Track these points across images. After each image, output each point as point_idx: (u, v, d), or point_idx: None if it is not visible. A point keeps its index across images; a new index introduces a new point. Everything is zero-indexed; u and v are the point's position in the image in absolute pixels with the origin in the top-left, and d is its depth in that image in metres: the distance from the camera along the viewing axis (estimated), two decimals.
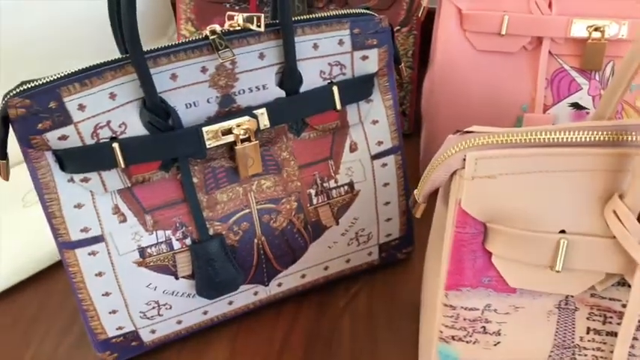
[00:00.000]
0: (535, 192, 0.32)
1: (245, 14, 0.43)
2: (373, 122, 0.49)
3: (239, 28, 0.43)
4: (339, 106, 0.46)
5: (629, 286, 0.32)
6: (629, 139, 0.32)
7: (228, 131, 0.43)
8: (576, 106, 0.58)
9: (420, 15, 0.62)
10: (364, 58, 0.47)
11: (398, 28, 0.67)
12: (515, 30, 0.56)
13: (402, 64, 0.50)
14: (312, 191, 0.48)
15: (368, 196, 0.50)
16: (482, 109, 0.60)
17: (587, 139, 0.32)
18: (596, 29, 0.55)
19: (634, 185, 0.31)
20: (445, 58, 0.59)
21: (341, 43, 0.46)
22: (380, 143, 0.50)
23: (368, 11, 0.48)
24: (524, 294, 0.34)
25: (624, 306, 0.33)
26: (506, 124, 0.60)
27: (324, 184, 0.48)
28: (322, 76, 0.46)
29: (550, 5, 0.55)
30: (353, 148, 0.49)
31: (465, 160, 0.32)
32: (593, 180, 0.32)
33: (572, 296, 0.34)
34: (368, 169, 0.50)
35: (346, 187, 0.49)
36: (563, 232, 0.32)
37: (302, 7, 0.67)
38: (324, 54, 0.46)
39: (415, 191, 0.37)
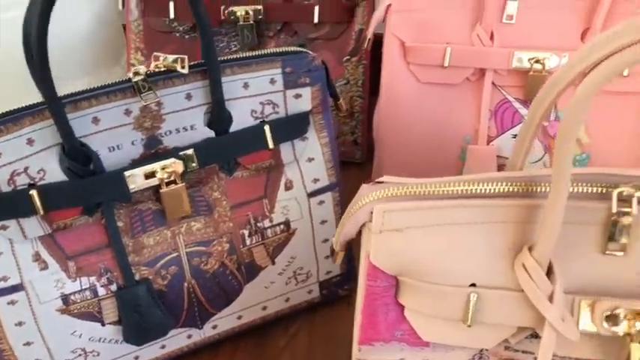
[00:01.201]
0: (445, 245, 0.32)
1: (170, 56, 0.42)
2: (309, 160, 0.48)
3: (164, 69, 0.42)
4: (271, 145, 0.46)
5: None
6: (539, 190, 0.32)
7: (152, 174, 0.42)
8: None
9: (365, 46, 0.62)
10: (297, 96, 0.46)
11: (347, 57, 0.67)
12: (457, 62, 0.56)
13: (341, 99, 0.50)
14: (246, 232, 0.47)
15: (305, 234, 0.49)
16: (428, 140, 0.60)
17: (498, 191, 0.32)
18: (537, 61, 0.55)
19: (542, 238, 0.30)
20: (390, 90, 0.59)
21: (272, 82, 0.45)
22: (316, 181, 0.49)
23: (302, 49, 0.47)
24: (437, 348, 0.33)
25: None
26: (451, 156, 0.60)
27: (259, 224, 0.47)
28: (253, 115, 0.45)
29: (492, 37, 0.55)
30: (288, 187, 0.48)
31: (372, 213, 0.31)
32: (504, 232, 0.32)
33: (486, 349, 0.33)
34: (304, 207, 0.49)
35: (282, 226, 0.48)
36: (474, 285, 0.32)
37: (251, 36, 0.66)
38: (255, 93, 0.45)
39: (333, 238, 0.36)
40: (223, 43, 0.68)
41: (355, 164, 0.72)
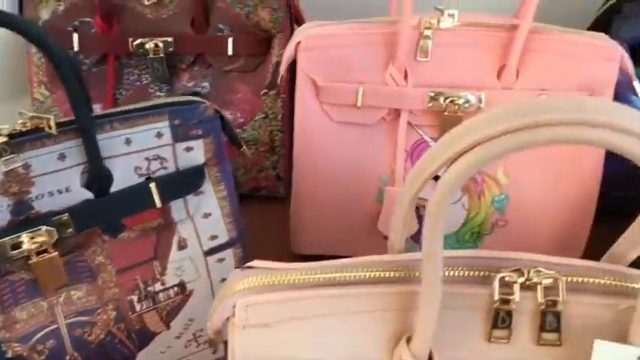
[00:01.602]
0: (317, 339, 0.29)
1: (36, 115, 0.38)
2: (205, 216, 0.45)
3: (30, 128, 0.38)
4: (158, 204, 0.42)
5: None
6: (417, 274, 0.29)
7: (19, 245, 0.38)
8: (436, 177, 0.55)
9: (279, 81, 0.59)
10: (188, 149, 0.43)
11: (265, 90, 0.63)
12: (371, 102, 0.53)
13: (244, 147, 0.47)
14: (134, 297, 0.44)
15: (203, 294, 0.46)
16: (345, 180, 0.57)
17: (374, 277, 0.29)
18: (452, 101, 0.53)
19: (419, 327, 0.28)
20: (303, 129, 0.56)
21: (159, 135, 0.42)
22: (214, 238, 0.46)
23: (194, 98, 0.44)
24: None
25: None
26: (368, 197, 0.57)
27: (149, 288, 0.44)
28: (138, 173, 0.42)
29: (406, 76, 0.53)
30: (182, 246, 0.45)
31: (234, 307, 0.28)
32: (382, 321, 0.29)
33: None
34: (201, 266, 0.46)
35: (176, 289, 0.45)
36: None
37: (162, 69, 0.62)
38: (139, 148, 0.42)
39: (208, 323, 0.33)
40: (134, 76, 0.64)
41: (278, 199, 0.69)
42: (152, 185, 0.42)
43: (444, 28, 0.51)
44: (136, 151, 0.41)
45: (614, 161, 0.59)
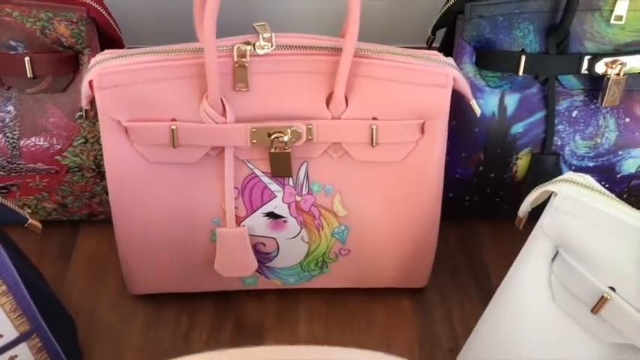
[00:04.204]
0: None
1: None
2: None
3: None
4: None
5: None
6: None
7: None
8: (272, 215, 0.51)
9: (84, 118, 0.51)
10: None
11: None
12: (188, 141, 0.47)
13: (30, 221, 0.40)
14: None
15: None
16: (174, 222, 0.51)
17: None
18: (276, 138, 0.47)
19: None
20: (115, 171, 0.49)
21: None
22: None
23: None
24: None
25: None
26: (202, 239, 0.52)
27: None
28: None
29: (224, 111, 0.46)
30: None
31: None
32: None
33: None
34: None
35: None
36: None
37: None
38: None
39: None
40: None
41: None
42: None
43: (262, 54, 0.45)
44: None
45: (464, 167, 0.58)
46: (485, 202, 0.60)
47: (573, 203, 0.38)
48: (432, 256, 0.54)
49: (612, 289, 0.36)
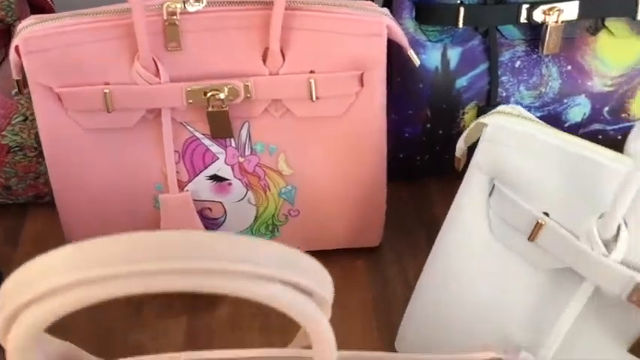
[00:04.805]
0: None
1: None
2: None
3: None
4: None
5: None
6: None
7: None
8: (216, 178, 0.51)
9: (14, 93, 0.50)
10: None
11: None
12: (122, 105, 0.46)
13: None
14: None
15: None
16: (117, 191, 0.50)
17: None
18: (213, 96, 0.46)
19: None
20: (51, 141, 0.48)
21: None
22: None
23: None
24: None
25: None
26: (145, 206, 0.51)
27: None
28: None
29: (158, 72, 0.46)
30: None
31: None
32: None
33: None
34: None
35: None
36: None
37: None
38: None
39: None
40: None
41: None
42: None
43: (193, 11, 0.45)
44: None
45: (412, 125, 0.58)
46: (435, 160, 0.60)
47: (504, 132, 0.38)
48: (382, 213, 0.54)
49: (547, 214, 0.37)
